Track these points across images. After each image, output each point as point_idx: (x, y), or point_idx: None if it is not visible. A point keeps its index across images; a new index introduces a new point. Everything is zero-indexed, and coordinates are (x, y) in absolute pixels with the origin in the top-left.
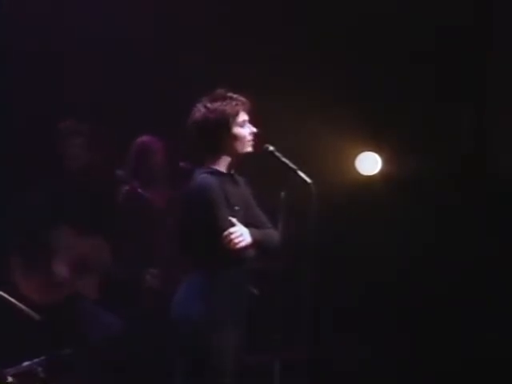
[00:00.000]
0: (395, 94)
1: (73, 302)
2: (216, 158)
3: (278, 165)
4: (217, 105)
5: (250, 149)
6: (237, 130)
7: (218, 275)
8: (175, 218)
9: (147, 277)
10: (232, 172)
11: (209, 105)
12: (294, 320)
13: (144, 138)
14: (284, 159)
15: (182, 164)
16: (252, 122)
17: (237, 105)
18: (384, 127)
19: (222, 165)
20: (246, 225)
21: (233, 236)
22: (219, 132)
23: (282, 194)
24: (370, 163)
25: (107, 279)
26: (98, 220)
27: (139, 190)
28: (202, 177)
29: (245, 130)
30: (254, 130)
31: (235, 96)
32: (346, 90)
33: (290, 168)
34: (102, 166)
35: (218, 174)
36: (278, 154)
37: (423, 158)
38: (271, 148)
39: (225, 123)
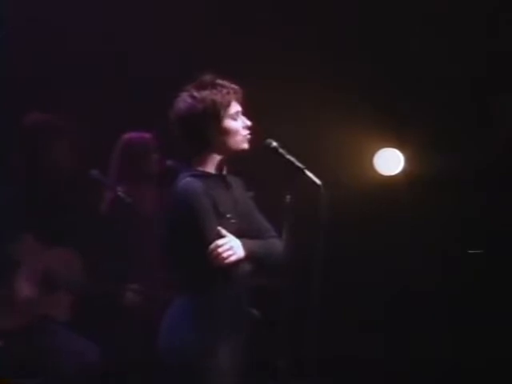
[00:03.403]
0: (418, 84)
1: (40, 324)
2: (203, 156)
3: (282, 163)
4: (205, 93)
5: (245, 145)
6: (228, 123)
7: (210, 295)
8: (160, 228)
9: (128, 294)
10: (224, 173)
11: (195, 93)
12: (300, 344)
13: (132, 134)
14: (289, 157)
15: (168, 163)
16: (246, 113)
17: (228, 93)
18: (407, 119)
19: (211, 165)
20: (242, 234)
21: (220, 249)
22: (208, 126)
23: (288, 197)
24: (390, 161)
25: (80, 297)
26: (68, 229)
27: (120, 194)
28: (185, 181)
29: (238, 124)
30: (249, 123)
31: (226, 83)
32: (361, 79)
33: (297, 167)
34: (77, 167)
35: (205, 176)
36: (282, 150)
37: (452, 155)
38: (274, 144)
39: (215, 115)
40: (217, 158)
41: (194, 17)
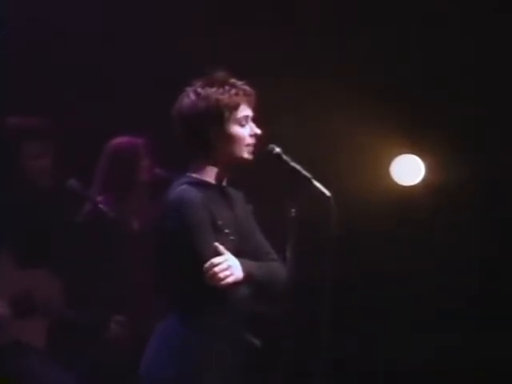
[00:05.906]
0: (440, 82)
1: (12, 352)
2: (202, 163)
3: (286, 172)
4: (210, 91)
5: (248, 156)
6: (233, 128)
7: (202, 320)
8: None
9: (111, 325)
10: (224, 184)
11: (200, 90)
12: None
13: (121, 139)
14: (294, 164)
15: (157, 171)
16: (256, 120)
17: (237, 94)
18: (428, 123)
19: (210, 173)
20: (241, 254)
21: (217, 269)
22: (209, 128)
23: (292, 210)
24: (409, 169)
25: (58, 323)
26: (48, 247)
27: (101, 207)
28: (180, 189)
29: (244, 130)
30: (258, 131)
31: (238, 83)
32: (376, 77)
33: (303, 176)
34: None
35: (204, 185)
36: (286, 157)
37: (480, 163)
38: (278, 149)
39: (217, 117)
40: (217, 166)
41: (194, 17)
